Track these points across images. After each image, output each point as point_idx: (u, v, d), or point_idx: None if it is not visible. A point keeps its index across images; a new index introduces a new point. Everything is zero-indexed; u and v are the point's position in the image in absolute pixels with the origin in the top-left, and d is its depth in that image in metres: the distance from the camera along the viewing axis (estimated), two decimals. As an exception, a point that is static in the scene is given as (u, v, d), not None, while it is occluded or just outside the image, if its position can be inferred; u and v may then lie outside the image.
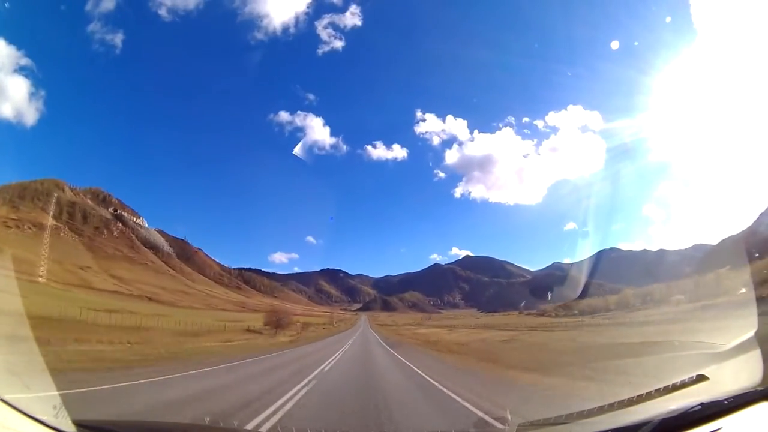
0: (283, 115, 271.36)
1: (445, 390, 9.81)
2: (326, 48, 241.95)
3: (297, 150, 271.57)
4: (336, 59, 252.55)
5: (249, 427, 5.77)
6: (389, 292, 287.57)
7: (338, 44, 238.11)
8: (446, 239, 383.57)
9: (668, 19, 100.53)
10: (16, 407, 2.38)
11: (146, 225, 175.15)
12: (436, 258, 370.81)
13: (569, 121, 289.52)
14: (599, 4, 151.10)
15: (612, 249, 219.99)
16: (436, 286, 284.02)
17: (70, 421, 2.65)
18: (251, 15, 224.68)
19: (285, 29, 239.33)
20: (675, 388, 3.76)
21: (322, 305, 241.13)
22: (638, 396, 4.05)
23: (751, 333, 4.68)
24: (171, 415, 6.10)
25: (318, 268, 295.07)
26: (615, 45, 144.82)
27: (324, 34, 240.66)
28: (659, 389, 3.88)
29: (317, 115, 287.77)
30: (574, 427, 3.76)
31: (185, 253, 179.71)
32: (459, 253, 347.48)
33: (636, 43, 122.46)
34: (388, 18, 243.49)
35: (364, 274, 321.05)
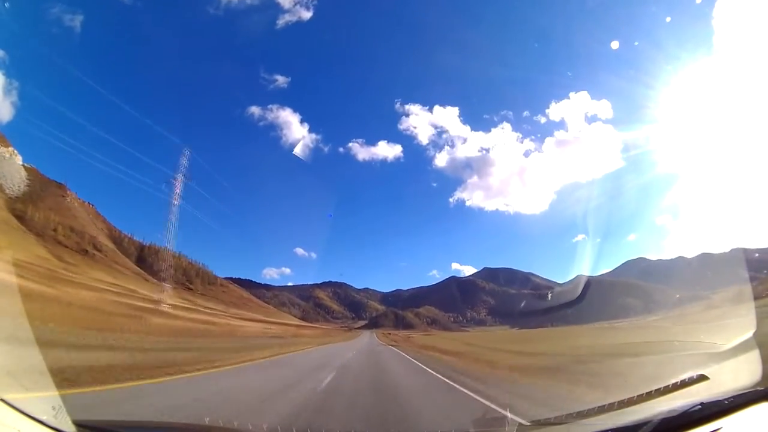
0: (255, 110, 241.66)
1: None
2: (291, 18, 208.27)
3: (284, 152, 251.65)
4: (305, 33, 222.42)
5: (249, 426, 5.68)
6: (400, 308, 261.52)
7: (305, 14, 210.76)
8: (447, 254, 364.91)
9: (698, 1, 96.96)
10: (16, 407, 2.38)
11: (16, 159, 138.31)
12: (435, 274, 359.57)
13: (574, 116, 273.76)
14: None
15: (640, 259, 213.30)
16: (455, 301, 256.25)
17: (70, 421, 2.66)
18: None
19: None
20: (675, 387, 3.76)
21: (317, 321, 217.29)
22: (638, 396, 4.05)
23: (751, 333, 4.70)
24: None
25: (319, 281, 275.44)
26: (615, 45, 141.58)
27: (286, 2, 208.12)
28: (659, 389, 3.88)
29: (294, 110, 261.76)
30: (574, 427, 3.76)
31: (41, 195, 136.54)
32: (461, 268, 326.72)
33: (636, 43, 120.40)
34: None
35: (371, 288, 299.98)
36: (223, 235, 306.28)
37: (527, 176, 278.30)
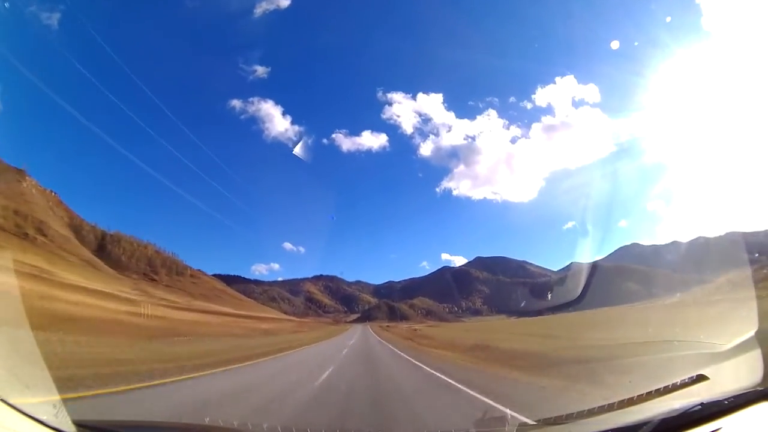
0: (236, 103, 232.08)
1: None
2: (268, 6, 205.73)
3: (267, 146, 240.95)
4: (283, 21, 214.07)
5: (249, 427, 5.75)
6: (394, 299, 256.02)
7: (284, 1, 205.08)
8: (436, 244, 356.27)
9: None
10: (16, 407, 2.38)
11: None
12: (425, 265, 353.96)
13: (562, 100, 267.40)
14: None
15: (633, 244, 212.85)
16: (449, 291, 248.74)
17: (70, 421, 2.66)
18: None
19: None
20: (675, 388, 3.76)
21: (308, 315, 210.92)
22: (638, 396, 4.05)
23: (751, 333, 4.70)
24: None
25: (309, 275, 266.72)
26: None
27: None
28: (659, 389, 3.88)
29: (276, 102, 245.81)
30: (574, 427, 3.76)
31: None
32: (451, 258, 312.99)
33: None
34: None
35: (362, 281, 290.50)
36: (213, 230, 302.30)
37: (515, 163, 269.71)
